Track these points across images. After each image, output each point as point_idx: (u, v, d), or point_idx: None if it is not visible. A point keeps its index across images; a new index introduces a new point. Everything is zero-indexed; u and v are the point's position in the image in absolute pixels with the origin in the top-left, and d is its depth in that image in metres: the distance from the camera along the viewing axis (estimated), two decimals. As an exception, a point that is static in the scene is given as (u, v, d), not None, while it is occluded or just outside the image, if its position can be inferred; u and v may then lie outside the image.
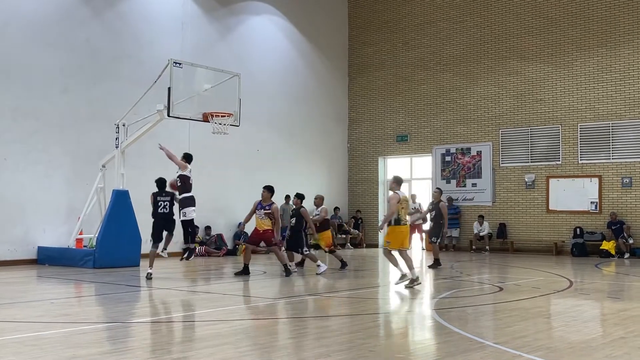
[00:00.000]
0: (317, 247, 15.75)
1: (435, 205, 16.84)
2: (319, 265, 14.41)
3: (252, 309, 10.28)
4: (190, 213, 13.44)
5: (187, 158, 13.72)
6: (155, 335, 8.04)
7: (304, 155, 24.07)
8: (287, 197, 20.43)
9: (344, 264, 15.54)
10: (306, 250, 14.63)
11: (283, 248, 14.97)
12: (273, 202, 14.11)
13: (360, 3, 25.88)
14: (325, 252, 15.97)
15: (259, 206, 13.98)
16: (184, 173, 13.44)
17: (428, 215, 17.92)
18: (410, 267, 11.99)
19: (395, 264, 12.31)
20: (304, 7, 24.33)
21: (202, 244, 19.91)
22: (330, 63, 25.41)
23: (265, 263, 17.26)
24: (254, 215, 14.06)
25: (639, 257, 19.08)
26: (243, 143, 21.14)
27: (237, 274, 14.14)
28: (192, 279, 14.32)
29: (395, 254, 12.30)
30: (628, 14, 20.28)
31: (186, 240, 13.79)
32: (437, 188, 18.75)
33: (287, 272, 13.92)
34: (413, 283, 11.94)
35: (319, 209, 15.72)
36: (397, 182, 12.31)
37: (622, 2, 20.41)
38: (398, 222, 11.94)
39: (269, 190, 14.12)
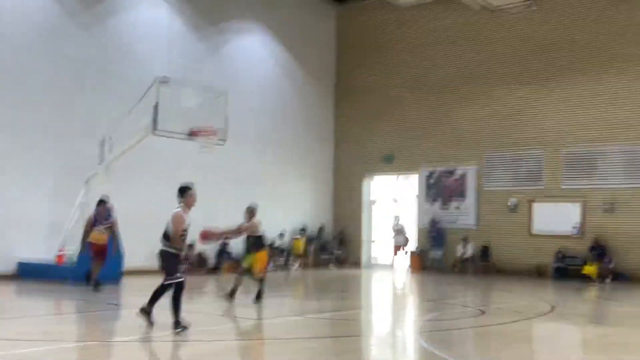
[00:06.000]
0: (248, 271, 12.54)
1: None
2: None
3: (235, 329, 10.21)
4: None
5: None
6: (135, 355, 7.96)
7: (289, 174, 24.06)
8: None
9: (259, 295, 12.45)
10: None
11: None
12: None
13: (348, 25, 26.01)
14: (256, 279, 12.49)
15: (96, 222, 14.22)
16: None
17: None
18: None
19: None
20: (292, 28, 24.42)
21: (184, 262, 19.75)
22: (318, 83, 25.48)
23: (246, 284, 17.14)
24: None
25: (621, 282, 19.17)
26: (229, 161, 21.07)
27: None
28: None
29: None
30: (613, 40, 20.50)
31: None
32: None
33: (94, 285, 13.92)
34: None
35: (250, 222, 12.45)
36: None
37: (608, 29, 20.62)
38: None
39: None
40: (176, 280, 9.06)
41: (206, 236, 10.91)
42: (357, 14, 25.83)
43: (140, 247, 18.26)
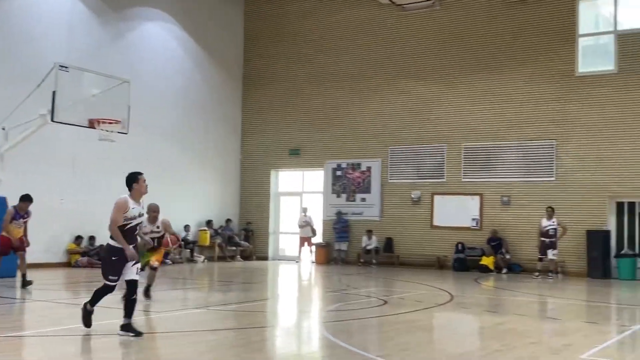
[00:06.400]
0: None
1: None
2: None
3: (135, 322, 9.98)
4: None
5: None
6: (31, 350, 7.67)
7: (196, 166, 23.73)
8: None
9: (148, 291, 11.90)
10: None
11: None
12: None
13: (255, 15, 25.87)
14: (152, 268, 11.75)
15: (17, 216, 13.73)
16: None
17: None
18: None
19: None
20: (198, 16, 24.05)
21: (84, 255, 19.22)
22: (225, 73, 25.23)
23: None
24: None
25: (516, 273, 20.02)
26: (132, 151, 20.54)
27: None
28: (74, 291, 13.78)
29: None
30: (510, 40, 21.31)
31: None
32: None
33: (25, 283, 13.48)
34: None
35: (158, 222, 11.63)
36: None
37: (505, 29, 21.45)
38: None
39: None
40: (106, 283, 8.44)
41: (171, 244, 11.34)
42: (263, 3, 25.73)
43: (37, 241, 17.61)
